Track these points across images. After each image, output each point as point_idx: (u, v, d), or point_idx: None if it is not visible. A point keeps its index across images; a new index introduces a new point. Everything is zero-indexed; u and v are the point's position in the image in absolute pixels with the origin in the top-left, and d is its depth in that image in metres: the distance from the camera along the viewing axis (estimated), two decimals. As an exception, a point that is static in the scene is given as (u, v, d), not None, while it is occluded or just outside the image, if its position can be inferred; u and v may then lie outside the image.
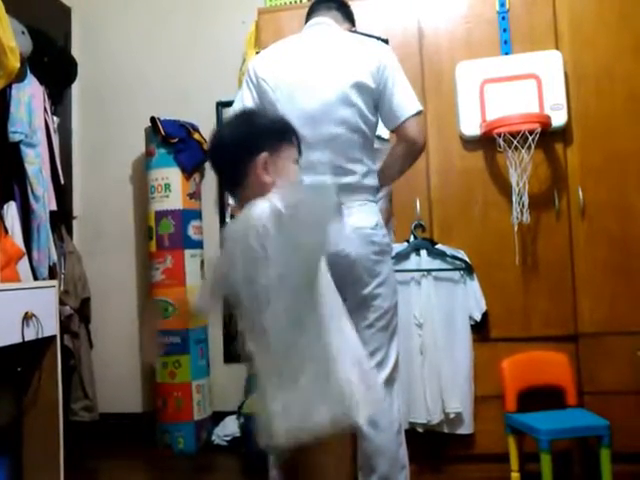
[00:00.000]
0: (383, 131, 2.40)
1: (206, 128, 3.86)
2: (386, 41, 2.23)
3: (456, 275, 2.90)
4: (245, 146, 1.51)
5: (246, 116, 1.67)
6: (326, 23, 2.21)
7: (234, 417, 3.56)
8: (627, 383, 2.75)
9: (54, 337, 2.62)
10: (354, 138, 2.08)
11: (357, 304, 2.08)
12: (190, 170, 3.65)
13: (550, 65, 2.89)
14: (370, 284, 2.07)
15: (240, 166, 1.50)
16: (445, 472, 2.84)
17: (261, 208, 1.40)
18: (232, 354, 3.85)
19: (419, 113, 2.12)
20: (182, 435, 3.47)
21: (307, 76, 2.10)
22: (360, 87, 2.07)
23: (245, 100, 2.17)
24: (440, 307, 2.86)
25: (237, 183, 1.52)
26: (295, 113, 2.08)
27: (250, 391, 3.46)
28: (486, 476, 2.75)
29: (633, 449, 2.68)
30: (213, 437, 3.56)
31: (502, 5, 3.00)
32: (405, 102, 2.10)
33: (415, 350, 2.83)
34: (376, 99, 2.11)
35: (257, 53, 2.36)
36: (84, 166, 4.11)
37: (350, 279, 2.07)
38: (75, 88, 4.07)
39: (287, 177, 1.53)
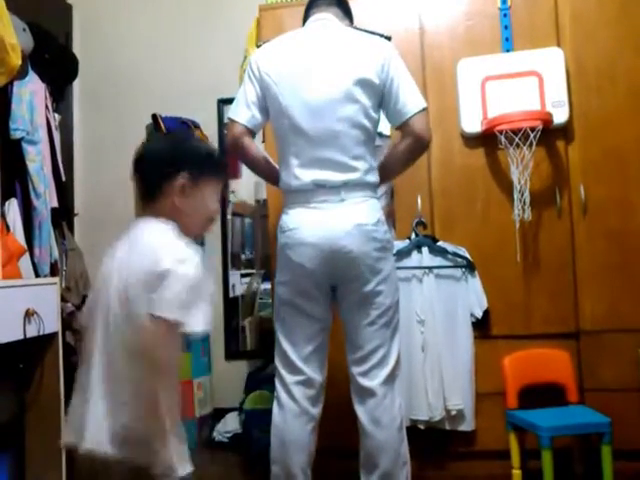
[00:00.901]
0: (384, 128, 2.40)
1: (207, 125, 3.87)
2: (389, 38, 2.23)
3: (457, 272, 2.90)
4: (170, 162, 1.47)
5: (182, 135, 1.62)
6: (328, 19, 2.21)
7: (235, 414, 3.57)
8: (628, 380, 2.74)
9: (56, 334, 2.62)
10: (357, 135, 2.08)
11: (359, 301, 2.09)
12: (191, 167, 3.65)
13: (551, 62, 2.88)
14: (372, 281, 2.07)
15: (158, 180, 1.46)
16: (446, 469, 2.85)
17: (161, 250, 1.36)
18: (233, 351, 3.86)
19: (424, 109, 2.12)
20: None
21: (311, 71, 2.09)
22: (364, 84, 2.07)
23: (248, 94, 2.17)
24: (441, 304, 2.86)
25: (151, 196, 1.48)
26: (298, 108, 2.08)
27: (252, 388, 3.46)
28: (487, 473, 2.75)
29: (634, 446, 2.68)
30: (214, 434, 3.57)
31: (503, 2, 2.99)
32: (410, 99, 2.11)
33: (417, 347, 2.83)
34: (380, 96, 2.11)
35: (258, 47, 2.36)
36: (85, 163, 4.12)
37: (352, 276, 2.07)
38: (76, 85, 4.07)
39: (203, 210, 1.51)
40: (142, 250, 1.38)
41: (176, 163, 1.46)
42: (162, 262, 1.31)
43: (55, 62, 3.54)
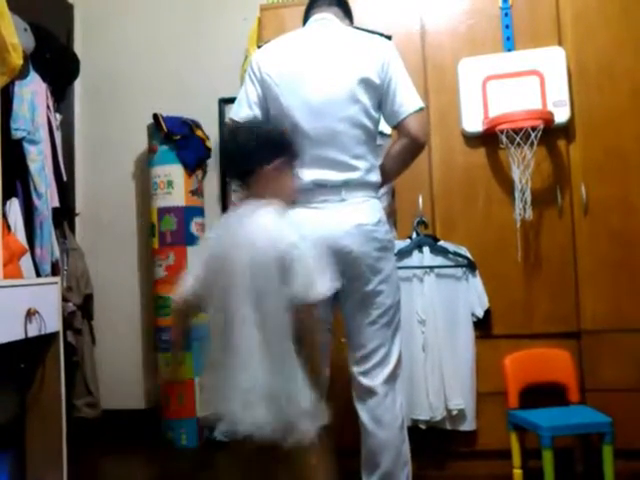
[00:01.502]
0: (385, 127, 2.40)
1: (208, 125, 3.86)
2: (389, 37, 2.23)
3: (459, 272, 2.90)
4: (262, 150, 1.70)
5: (264, 124, 1.93)
6: (328, 19, 2.21)
7: (237, 413, 3.57)
8: (630, 380, 2.74)
9: (57, 333, 2.62)
10: (358, 134, 2.08)
11: (360, 301, 2.08)
12: (192, 167, 3.65)
13: (553, 61, 2.88)
14: (372, 281, 2.07)
15: (253, 167, 1.69)
16: (447, 468, 2.85)
17: (278, 232, 1.60)
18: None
19: (421, 110, 2.12)
20: (185, 431, 3.48)
21: (312, 71, 2.09)
22: (366, 83, 2.07)
23: (250, 95, 2.17)
24: (443, 304, 2.86)
25: (246, 181, 1.70)
26: (299, 108, 2.08)
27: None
28: (488, 472, 2.75)
29: (636, 446, 2.68)
30: (215, 433, 3.56)
31: (504, 1, 2.99)
32: (407, 99, 2.10)
33: (417, 347, 2.83)
34: (380, 96, 2.11)
35: (259, 47, 2.36)
36: (87, 163, 4.12)
37: (353, 275, 2.07)
38: (77, 85, 4.07)
39: (287, 188, 1.78)
40: (267, 235, 1.60)
41: (266, 151, 1.71)
42: (289, 249, 1.57)
43: (56, 62, 3.54)
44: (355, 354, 2.13)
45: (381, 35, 2.22)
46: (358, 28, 2.28)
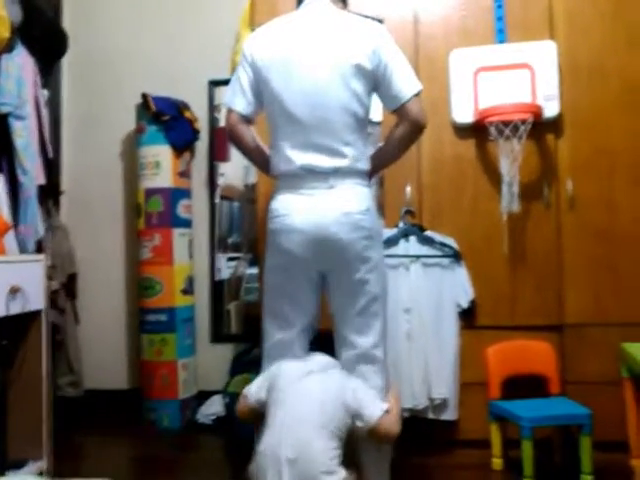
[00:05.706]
0: (374, 114, 2.39)
1: (197, 106, 3.84)
2: (381, 21, 2.21)
3: (445, 262, 2.91)
4: None
5: None
6: (321, 2, 2.19)
7: (219, 397, 3.57)
8: (609, 373, 2.76)
9: (41, 311, 2.61)
10: (349, 121, 2.07)
11: (348, 289, 2.08)
12: (181, 148, 3.63)
13: (544, 55, 2.89)
14: (360, 269, 2.06)
15: None
16: (429, 457, 2.86)
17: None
18: (219, 334, 3.87)
19: (419, 93, 2.11)
20: (167, 413, 3.48)
21: (304, 57, 2.08)
22: (357, 70, 2.05)
23: (242, 81, 2.16)
24: (428, 293, 2.88)
25: None
26: (291, 94, 2.07)
27: (236, 372, 3.47)
28: (469, 461, 2.78)
29: (613, 438, 2.71)
30: (197, 416, 3.58)
31: (498, -7, 2.99)
32: (405, 82, 2.09)
33: (402, 335, 2.85)
34: (372, 82, 2.09)
35: (252, 30, 2.33)
36: (73, 140, 4.07)
37: (340, 263, 2.07)
38: (65, 61, 4.01)
39: None
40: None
41: None
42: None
43: (44, 37, 3.48)
44: (342, 344, 2.13)
45: (373, 19, 2.21)
46: (350, 12, 2.26)
